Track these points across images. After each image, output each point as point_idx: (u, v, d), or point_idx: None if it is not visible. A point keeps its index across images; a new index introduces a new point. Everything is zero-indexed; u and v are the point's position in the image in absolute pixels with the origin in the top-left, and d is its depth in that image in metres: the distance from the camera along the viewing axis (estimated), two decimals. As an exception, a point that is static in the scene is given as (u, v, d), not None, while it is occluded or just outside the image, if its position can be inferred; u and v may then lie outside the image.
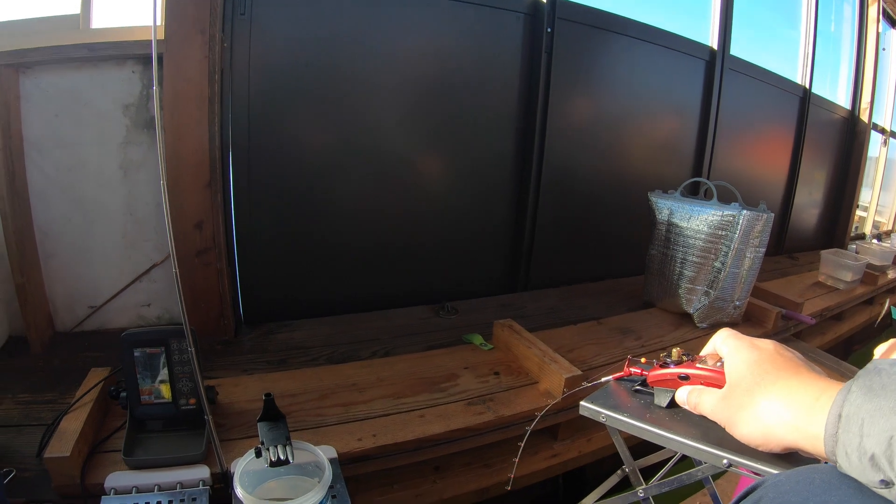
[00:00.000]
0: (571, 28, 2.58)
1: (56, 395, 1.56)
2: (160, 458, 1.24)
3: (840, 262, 3.30)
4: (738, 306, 2.34)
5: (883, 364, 0.62)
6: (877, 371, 0.61)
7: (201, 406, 1.20)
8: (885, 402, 0.57)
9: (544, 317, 2.40)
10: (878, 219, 6.38)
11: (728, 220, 2.18)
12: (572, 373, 1.62)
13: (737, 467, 0.79)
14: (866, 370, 0.62)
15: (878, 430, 0.57)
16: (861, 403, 0.59)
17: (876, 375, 0.61)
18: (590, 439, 1.79)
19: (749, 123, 3.80)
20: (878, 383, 0.59)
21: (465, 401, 1.61)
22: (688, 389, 0.87)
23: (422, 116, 2.38)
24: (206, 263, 1.86)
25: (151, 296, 2.01)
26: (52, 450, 1.17)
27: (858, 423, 0.59)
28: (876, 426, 0.57)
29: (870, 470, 0.57)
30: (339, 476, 1.24)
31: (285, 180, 2.12)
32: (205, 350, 1.81)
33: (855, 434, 0.59)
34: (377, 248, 2.37)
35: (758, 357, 0.77)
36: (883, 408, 0.57)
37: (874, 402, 0.58)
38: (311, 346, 1.97)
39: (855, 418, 0.59)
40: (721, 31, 3.27)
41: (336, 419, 1.48)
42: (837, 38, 4.83)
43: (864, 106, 4.86)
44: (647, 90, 3.07)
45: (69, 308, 1.97)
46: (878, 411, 0.57)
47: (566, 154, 2.75)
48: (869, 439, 0.57)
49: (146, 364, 1.31)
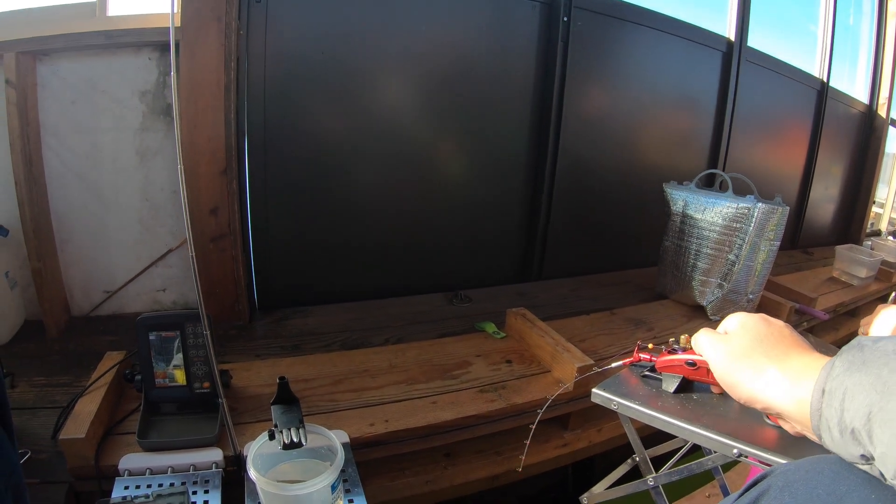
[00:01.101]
0: (588, 17, 2.56)
1: (71, 378, 1.58)
2: (174, 441, 1.26)
3: (855, 257, 3.27)
4: (751, 300, 2.32)
5: (866, 340, 0.62)
6: (859, 347, 0.62)
7: (215, 390, 1.21)
8: (865, 378, 0.58)
9: (557, 306, 2.40)
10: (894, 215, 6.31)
11: (743, 213, 2.17)
12: (584, 362, 1.62)
13: (746, 457, 0.79)
14: (849, 346, 0.63)
15: (857, 405, 0.57)
16: (843, 379, 0.60)
17: (858, 351, 0.61)
18: (600, 429, 1.79)
19: (765, 116, 3.77)
20: (860, 359, 0.60)
21: (476, 388, 1.62)
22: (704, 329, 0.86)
23: (437, 106, 2.38)
24: (222, 249, 1.88)
25: (166, 281, 2.03)
26: (67, 431, 1.19)
27: (840, 398, 0.60)
28: (856, 401, 0.58)
29: (851, 444, 0.58)
30: (351, 460, 1.25)
31: (301, 168, 2.13)
32: (219, 335, 1.83)
33: (836, 409, 0.60)
34: (392, 236, 2.38)
35: (768, 327, 0.79)
36: (863, 383, 0.58)
37: (855, 377, 0.59)
38: (324, 332, 1.98)
39: (837, 393, 0.60)
40: (739, 22, 3.24)
41: (348, 404, 1.49)
42: (856, 31, 4.78)
43: (882, 101, 4.80)
44: (663, 81, 3.05)
45: (85, 293, 1.99)
46: (858, 386, 0.58)
47: (581, 144, 2.75)
48: (849, 413, 0.58)
49: (161, 348, 1.33)
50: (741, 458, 0.80)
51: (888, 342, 0.60)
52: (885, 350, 0.59)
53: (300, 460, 1.14)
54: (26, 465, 1.23)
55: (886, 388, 0.56)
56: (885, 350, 0.59)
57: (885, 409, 0.55)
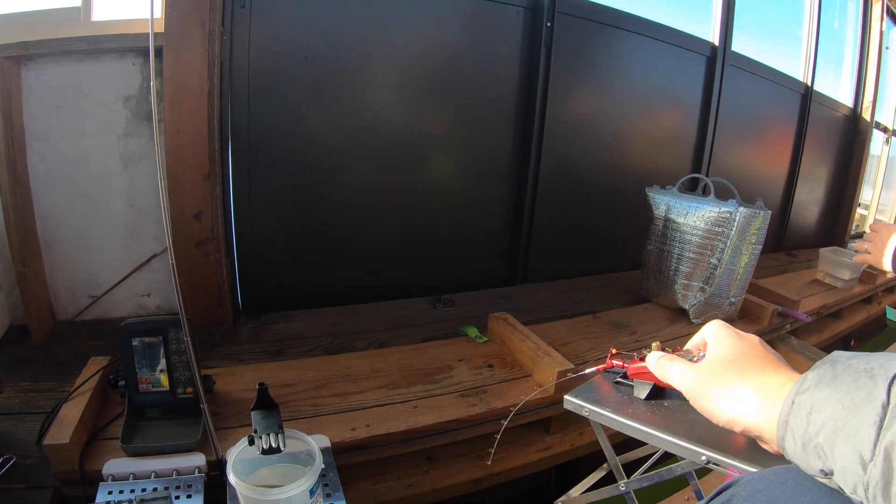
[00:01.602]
0: (571, 22, 2.58)
1: (56, 383, 1.59)
2: (157, 446, 1.26)
3: (838, 260, 3.29)
4: (733, 303, 2.35)
5: (840, 356, 0.63)
6: (832, 362, 0.63)
7: (198, 395, 1.22)
8: (833, 393, 0.59)
9: (540, 310, 2.41)
10: (879, 217, 6.37)
11: (725, 217, 2.19)
12: (565, 366, 1.63)
13: (715, 464, 0.80)
14: (823, 361, 0.64)
15: (823, 418, 0.58)
16: (812, 392, 0.61)
17: (830, 367, 0.62)
18: (582, 433, 1.81)
19: (750, 120, 3.79)
20: (831, 374, 0.61)
21: (457, 392, 1.63)
22: (657, 355, 0.87)
23: (421, 110, 2.39)
24: (206, 254, 1.88)
25: (151, 286, 2.03)
26: (52, 437, 1.19)
27: (807, 410, 0.60)
28: (823, 414, 0.58)
29: (813, 457, 0.59)
30: (332, 465, 1.26)
31: (284, 172, 2.13)
32: (203, 340, 1.83)
33: (802, 420, 0.60)
34: (375, 239, 2.39)
35: (741, 344, 0.79)
36: (831, 397, 0.59)
37: (824, 391, 0.60)
38: (308, 337, 1.99)
39: (805, 406, 0.61)
40: (723, 26, 3.27)
41: (331, 409, 1.50)
42: (841, 35, 4.82)
43: (866, 104, 4.85)
44: (647, 85, 3.07)
45: (70, 297, 1.99)
46: (826, 400, 0.59)
47: (565, 148, 2.76)
48: (814, 426, 0.59)
49: (145, 353, 1.34)
50: (710, 466, 0.81)
51: (860, 359, 0.61)
52: (857, 367, 0.60)
53: (280, 465, 1.15)
54: (12, 470, 1.24)
55: (853, 403, 0.56)
56: (856, 367, 0.60)
57: (849, 424, 0.56)
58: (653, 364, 0.88)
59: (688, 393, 0.80)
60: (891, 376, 0.56)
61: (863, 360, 0.61)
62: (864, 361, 0.60)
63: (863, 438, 0.54)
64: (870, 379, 0.57)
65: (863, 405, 0.56)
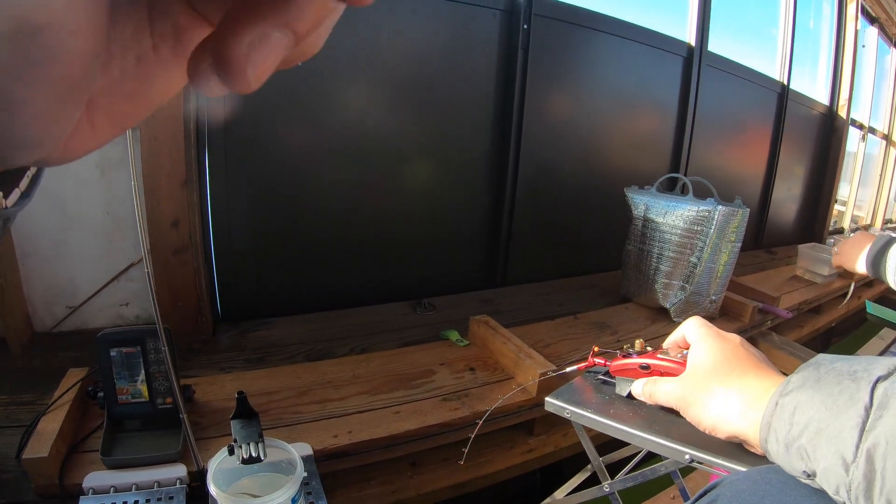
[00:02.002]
0: (548, 25, 2.59)
1: (35, 395, 1.56)
2: (137, 458, 1.25)
3: (817, 256, 3.33)
4: (714, 301, 2.36)
5: (824, 359, 0.64)
6: (816, 365, 0.63)
7: (177, 405, 1.21)
8: (817, 395, 0.60)
9: (522, 312, 2.41)
10: (856, 213, 6.46)
11: (704, 216, 2.20)
12: (546, 367, 1.64)
13: (699, 463, 0.81)
14: (807, 364, 0.65)
15: (806, 420, 0.59)
16: (796, 394, 0.62)
17: (814, 369, 0.63)
18: (566, 434, 1.81)
19: (727, 119, 3.83)
20: (815, 376, 0.62)
21: (440, 396, 1.63)
22: (642, 382, 0.88)
23: (398, 113, 2.39)
24: (184, 262, 1.87)
25: (130, 295, 2.01)
26: (31, 451, 1.18)
27: (790, 412, 0.61)
28: (805, 416, 0.59)
29: (795, 459, 0.59)
30: (315, 473, 1.25)
31: (262, 178, 2.12)
32: (182, 349, 1.82)
33: (785, 422, 0.61)
34: (355, 244, 2.38)
35: (722, 347, 0.79)
36: (814, 399, 0.59)
37: (807, 393, 0.61)
38: (288, 344, 1.98)
39: (788, 407, 0.62)
40: (699, 27, 3.29)
41: (312, 416, 1.49)
42: (816, 34, 4.88)
43: (842, 102, 4.91)
44: (624, 86, 3.09)
45: (48, 308, 1.97)
46: (809, 402, 0.60)
47: (544, 150, 2.77)
48: (797, 427, 0.59)
49: (123, 364, 1.32)
50: (693, 464, 0.81)
51: (844, 362, 0.62)
52: (840, 370, 0.61)
53: (261, 474, 1.14)
54: (-8, 485, 1.23)
55: (836, 405, 0.57)
56: (839, 370, 0.61)
57: (831, 426, 0.56)
58: (639, 391, 0.89)
59: (676, 407, 0.81)
60: (874, 379, 0.57)
61: (846, 363, 0.62)
62: (848, 364, 0.61)
63: (845, 440, 0.55)
64: (853, 382, 0.58)
65: (845, 407, 0.56)
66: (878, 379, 0.57)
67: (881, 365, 0.59)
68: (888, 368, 0.58)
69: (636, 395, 0.90)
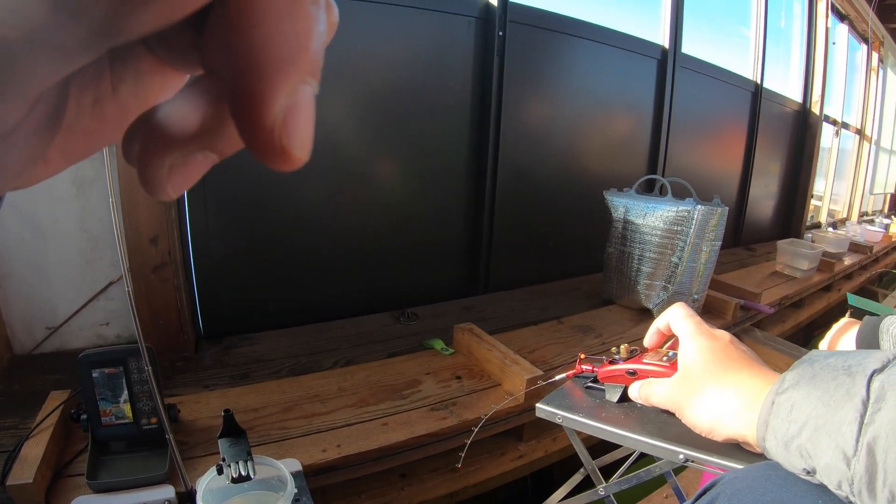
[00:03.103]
0: (523, 31, 2.60)
1: (17, 419, 1.53)
2: (124, 481, 1.23)
3: (796, 251, 3.37)
4: (696, 299, 2.38)
5: (817, 356, 0.64)
6: (810, 361, 0.64)
7: (162, 425, 1.19)
8: (813, 391, 0.60)
9: (505, 318, 2.41)
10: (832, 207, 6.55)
11: (683, 216, 2.22)
12: (533, 373, 1.64)
13: (694, 462, 0.81)
14: (801, 360, 0.65)
15: (804, 417, 0.59)
16: (792, 392, 0.62)
17: (808, 366, 0.63)
18: (555, 438, 1.81)
19: (702, 119, 3.87)
20: (810, 373, 0.62)
21: (427, 406, 1.62)
22: (638, 384, 0.88)
23: (376, 123, 2.38)
24: (164, 279, 1.85)
25: (109, 314, 1.99)
26: (15, 477, 1.15)
27: (787, 409, 0.61)
28: (803, 413, 0.59)
29: (795, 457, 0.60)
30: (305, 488, 1.24)
31: (240, 192, 2.10)
32: (165, 367, 1.80)
33: (783, 420, 0.61)
34: (335, 257, 2.37)
35: (713, 346, 0.79)
36: (811, 396, 0.60)
37: (803, 390, 0.61)
38: (272, 359, 1.96)
39: (785, 405, 0.62)
40: (672, 29, 3.32)
41: (300, 431, 1.48)
42: (788, 33, 4.94)
43: (815, 99, 4.98)
44: (600, 90, 3.11)
45: (27, 330, 1.93)
46: (806, 399, 0.60)
47: (522, 155, 2.78)
48: (795, 425, 0.60)
49: (106, 385, 1.30)
50: (688, 464, 0.81)
51: (838, 357, 0.62)
52: (835, 366, 0.61)
53: (252, 493, 1.13)
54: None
55: (833, 401, 0.57)
56: (834, 366, 0.61)
57: (830, 421, 0.57)
58: (635, 394, 0.89)
59: (672, 409, 0.81)
60: (869, 372, 0.57)
61: (840, 357, 0.62)
62: (842, 359, 0.61)
63: (844, 435, 0.55)
64: (848, 376, 0.58)
65: (843, 402, 0.57)
66: (873, 372, 0.57)
67: (875, 358, 0.59)
68: (882, 361, 0.58)
69: (633, 397, 0.90)
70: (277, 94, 0.18)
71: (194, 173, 0.22)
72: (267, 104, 0.18)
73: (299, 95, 0.19)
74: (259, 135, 0.19)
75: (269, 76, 0.18)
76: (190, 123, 0.21)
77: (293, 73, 0.19)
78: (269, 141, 0.19)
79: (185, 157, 0.21)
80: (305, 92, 0.19)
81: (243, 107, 0.19)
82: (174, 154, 0.21)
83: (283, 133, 0.19)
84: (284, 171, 0.21)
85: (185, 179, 0.22)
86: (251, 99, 0.18)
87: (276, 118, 0.19)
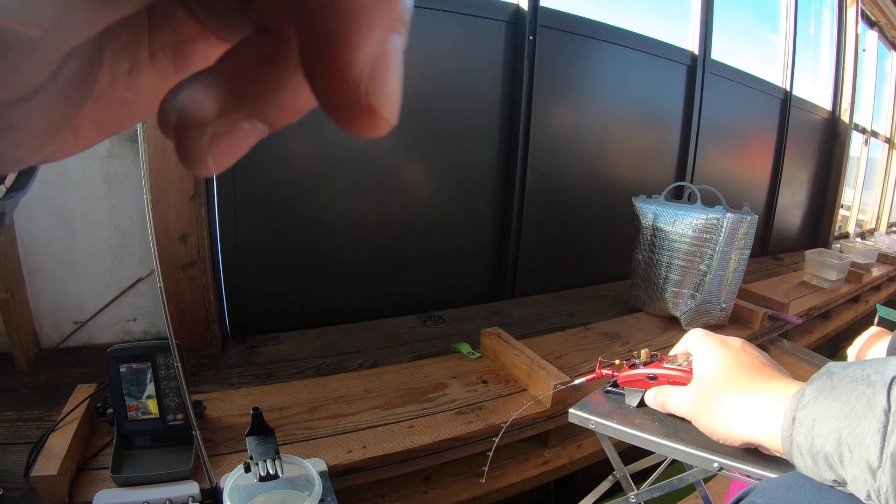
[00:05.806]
0: (553, 36, 2.59)
1: (42, 412, 1.55)
2: (148, 475, 1.23)
3: (824, 261, 3.32)
4: (724, 308, 2.35)
5: (835, 367, 0.64)
6: (828, 374, 0.63)
7: (189, 421, 1.19)
8: (833, 404, 0.59)
9: (532, 324, 2.40)
10: (860, 217, 6.46)
11: (712, 224, 2.19)
12: (560, 379, 1.62)
13: (728, 471, 0.79)
14: (819, 374, 0.64)
15: (827, 430, 0.58)
16: (812, 406, 0.61)
17: (827, 378, 0.62)
18: (580, 445, 1.79)
19: (731, 127, 3.83)
20: (829, 386, 0.61)
21: (453, 410, 1.61)
22: (654, 391, 0.88)
23: (405, 126, 2.37)
24: (192, 277, 1.86)
25: (137, 310, 2.00)
26: (40, 468, 1.16)
27: (809, 424, 0.61)
28: (825, 427, 0.59)
29: (824, 469, 0.59)
30: (330, 489, 1.23)
31: (270, 192, 2.11)
32: (191, 364, 1.80)
33: (806, 435, 0.61)
34: (363, 258, 2.37)
35: (725, 353, 0.79)
36: (832, 409, 0.59)
37: (824, 403, 0.60)
38: (298, 359, 1.96)
39: (806, 420, 0.61)
40: (702, 35, 3.30)
41: (325, 432, 1.47)
42: (817, 40, 4.88)
43: (844, 107, 4.91)
44: (629, 96, 3.09)
45: (54, 324, 1.95)
46: (827, 412, 0.59)
47: (550, 161, 2.77)
48: (819, 439, 0.59)
49: (132, 380, 1.30)
50: (722, 472, 0.81)
51: (856, 368, 0.61)
52: (853, 376, 0.60)
53: (277, 491, 1.13)
54: (-1, 503, 1.21)
55: (854, 413, 0.57)
56: (853, 376, 0.60)
57: (853, 433, 0.56)
58: (651, 401, 0.90)
59: (687, 416, 0.81)
60: (888, 381, 0.56)
61: (858, 368, 0.61)
62: (860, 369, 0.61)
63: (868, 447, 0.54)
64: (868, 387, 0.58)
65: (864, 413, 0.56)
66: (892, 380, 0.56)
67: (893, 366, 0.58)
68: None
69: (649, 403, 0.90)
70: (366, 39, 0.15)
71: (240, 145, 0.20)
72: (353, 51, 0.15)
73: (389, 45, 0.16)
74: (341, 88, 0.16)
75: (356, 19, 0.15)
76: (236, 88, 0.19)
77: (384, 18, 0.16)
78: (354, 97, 0.16)
79: (229, 124, 0.19)
80: (396, 42, 0.17)
81: (322, 55, 0.16)
82: (218, 122, 0.19)
83: (372, 88, 0.16)
84: (367, 138, 0.18)
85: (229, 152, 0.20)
86: (332, 46, 0.15)
87: (363, 70, 0.16)
